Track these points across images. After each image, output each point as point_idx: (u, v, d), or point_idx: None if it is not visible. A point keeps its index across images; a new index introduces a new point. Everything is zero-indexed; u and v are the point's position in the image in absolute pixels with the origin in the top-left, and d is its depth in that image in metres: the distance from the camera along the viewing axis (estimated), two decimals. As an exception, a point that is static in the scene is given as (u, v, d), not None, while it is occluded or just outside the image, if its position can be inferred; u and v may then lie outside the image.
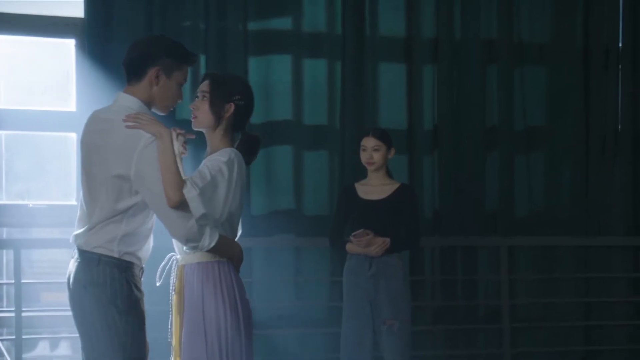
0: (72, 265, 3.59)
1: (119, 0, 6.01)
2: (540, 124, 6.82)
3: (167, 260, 3.81)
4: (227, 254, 3.75)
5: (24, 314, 5.82)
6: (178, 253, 3.81)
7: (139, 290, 3.57)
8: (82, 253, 3.53)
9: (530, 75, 6.83)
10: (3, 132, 6.19)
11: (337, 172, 6.41)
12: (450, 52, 6.65)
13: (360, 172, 5.65)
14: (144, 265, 3.63)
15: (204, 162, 3.76)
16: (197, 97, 3.86)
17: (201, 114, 3.84)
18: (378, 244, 5.36)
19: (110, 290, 3.48)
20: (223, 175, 3.68)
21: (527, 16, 6.80)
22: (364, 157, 5.51)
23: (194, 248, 3.64)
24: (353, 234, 5.36)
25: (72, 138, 6.11)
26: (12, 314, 5.83)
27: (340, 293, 5.86)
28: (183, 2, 6.15)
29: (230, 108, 3.83)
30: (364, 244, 5.37)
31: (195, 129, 3.88)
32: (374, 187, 5.54)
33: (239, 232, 3.88)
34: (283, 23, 6.37)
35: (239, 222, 3.85)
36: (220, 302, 3.68)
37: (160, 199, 3.46)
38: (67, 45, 6.18)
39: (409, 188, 5.63)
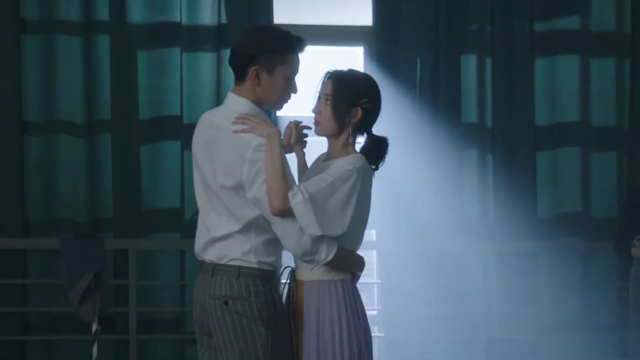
0: (201, 280, 3.38)
1: (406, 7, 6.12)
2: None
3: (287, 275, 3.47)
4: (346, 267, 3.41)
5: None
6: (296, 266, 3.45)
7: (280, 299, 3.36)
8: (216, 267, 3.31)
9: None
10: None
11: (626, 173, 6.25)
12: None
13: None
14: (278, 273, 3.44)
15: (324, 168, 3.41)
16: (320, 99, 3.47)
17: (324, 120, 3.44)
18: (665, 250, 5.22)
19: (256, 304, 3.27)
20: (345, 182, 3.30)
21: None
22: None
23: (310, 262, 3.33)
24: (637, 237, 5.24)
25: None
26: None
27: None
28: (469, 6, 6.18)
29: (357, 113, 3.42)
30: (647, 249, 5.24)
31: (318, 135, 3.51)
32: (661, 191, 5.39)
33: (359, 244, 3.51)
34: (570, 23, 6.26)
35: (361, 235, 3.47)
36: (337, 329, 3.35)
37: None
38: (355, 53, 6.38)
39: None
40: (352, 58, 6.37)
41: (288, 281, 3.46)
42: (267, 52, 3.30)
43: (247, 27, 5.71)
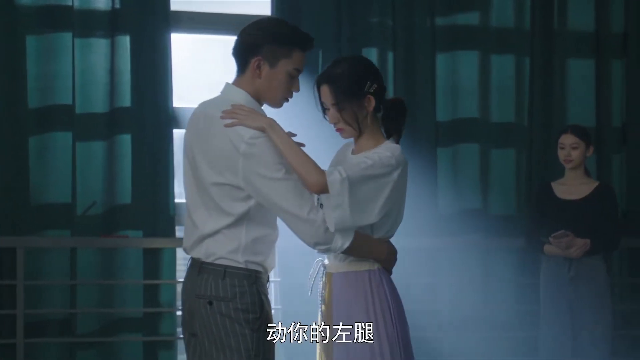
0: (188, 277, 3.27)
1: (306, -3, 5.99)
2: None
3: (315, 267, 3.41)
4: (370, 254, 3.32)
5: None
6: (326, 258, 3.40)
7: (268, 301, 3.26)
8: (203, 265, 3.19)
9: None
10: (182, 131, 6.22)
11: (525, 170, 6.26)
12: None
13: (552, 170, 5.55)
14: (270, 274, 3.33)
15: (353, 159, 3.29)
16: (327, 110, 3.38)
17: (345, 125, 3.34)
18: (579, 246, 5.22)
19: (241, 304, 3.15)
20: (384, 168, 3.20)
21: None
22: (561, 154, 5.41)
23: (326, 251, 3.20)
24: (553, 235, 5.22)
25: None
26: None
27: (531, 295, 5.75)
28: (371, -2, 6.09)
29: (370, 101, 3.33)
30: (564, 246, 5.23)
31: (348, 139, 3.46)
32: (572, 187, 5.43)
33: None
34: (470, 18, 6.24)
35: (395, 225, 3.42)
36: (372, 321, 3.27)
37: (280, 199, 3.08)
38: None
39: (608, 187, 5.50)
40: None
41: (320, 274, 3.40)
42: (272, 43, 3.19)
43: (142, 13, 5.70)
